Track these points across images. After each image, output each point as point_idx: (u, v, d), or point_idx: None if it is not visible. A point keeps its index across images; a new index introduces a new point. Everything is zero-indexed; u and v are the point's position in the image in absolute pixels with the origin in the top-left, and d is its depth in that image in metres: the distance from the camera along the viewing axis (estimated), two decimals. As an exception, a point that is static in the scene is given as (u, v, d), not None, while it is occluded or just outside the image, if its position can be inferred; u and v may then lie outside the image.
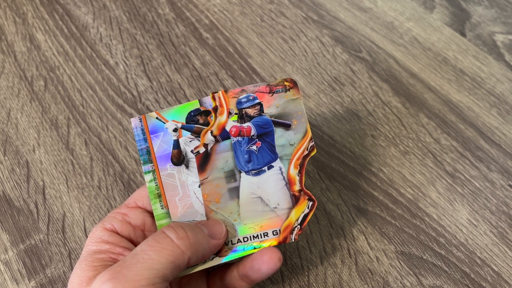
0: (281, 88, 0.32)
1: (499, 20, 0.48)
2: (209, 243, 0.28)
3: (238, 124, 0.32)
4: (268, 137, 0.32)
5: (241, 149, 0.32)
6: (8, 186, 0.39)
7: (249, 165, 0.32)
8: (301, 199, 0.31)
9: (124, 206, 0.31)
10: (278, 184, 0.31)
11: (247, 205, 0.31)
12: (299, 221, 0.31)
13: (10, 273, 0.35)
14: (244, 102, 0.32)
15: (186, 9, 0.50)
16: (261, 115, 0.32)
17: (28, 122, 0.43)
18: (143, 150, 0.31)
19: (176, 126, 0.32)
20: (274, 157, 0.32)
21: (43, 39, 0.48)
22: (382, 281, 0.34)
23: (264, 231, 0.31)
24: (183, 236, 0.27)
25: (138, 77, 0.45)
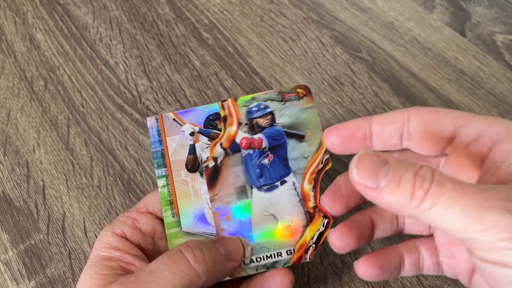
0: (294, 96, 0.30)
1: (499, 20, 0.48)
2: (226, 265, 0.27)
3: (248, 135, 0.30)
4: (281, 150, 0.30)
5: (252, 162, 0.30)
6: (8, 186, 0.39)
7: (261, 180, 0.30)
8: (316, 216, 0.29)
9: (135, 210, 0.30)
10: (291, 201, 0.29)
11: (260, 223, 0.29)
12: (314, 240, 0.29)
13: (10, 273, 0.35)
14: (254, 111, 0.30)
15: (186, 9, 0.50)
16: (273, 125, 0.30)
17: (28, 122, 0.43)
18: (157, 153, 0.30)
19: (193, 129, 0.30)
20: (287, 171, 0.30)
21: (43, 39, 0.48)
22: (382, 281, 0.34)
23: (278, 251, 0.29)
24: (200, 259, 0.25)
25: (138, 77, 0.45)
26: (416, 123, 0.27)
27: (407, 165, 0.22)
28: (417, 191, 0.21)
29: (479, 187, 0.20)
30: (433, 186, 0.20)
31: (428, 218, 0.21)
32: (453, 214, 0.20)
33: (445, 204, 0.20)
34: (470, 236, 0.20)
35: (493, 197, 0.19)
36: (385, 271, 0.28)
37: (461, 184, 0.20)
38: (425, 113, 0.27)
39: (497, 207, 0.19)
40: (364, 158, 0.23)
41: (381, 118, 0.28)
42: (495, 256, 0.19)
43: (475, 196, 0.19)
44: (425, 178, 0.21)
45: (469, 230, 0.19)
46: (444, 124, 0.26)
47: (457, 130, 0.26)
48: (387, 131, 0.27)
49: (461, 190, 0.20)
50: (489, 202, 0.19)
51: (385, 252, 0.29)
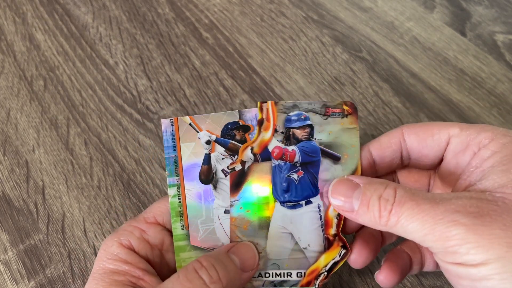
0: (338, 113, 0.28)
1: (500, 20, 0.48)
2: (241, 277, 0.27)
3: (282, 145, 0.28)
4: (313, 168, 0.28)
5: (280, 175, 0.28)
6: (7, 186, 0.39)
7: (286, 196, 0.28)
8: (334, 244, 0.28)
9: (143, 220, 0.29)
10: (313, 223, 0.28)
11: (276, 239, 0.28)
12: (327, 268, 0.28)
13: (10, 273, 0.35)
14: (294, 120, 0.28)
15: (186, 9, 0.50)
16: (310, 140, 0.28)
17: (28, 122, 0.43)
18: (170, 160, 0.28)
19: (210, 138, 0.28)
20: (315, 191, 0.28)
21: (43, 39, 0.48)
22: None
23: (288, 271, 0.28)
24: (216, 279, 0.25)
25: (137, 77, 0.45)
26: (411, 141, 0.29)
27: (374, 187, 0.25)
28: (382, 212, 0.24)
29: (434, 202, 0.23)
30: (394, 206, 0.24)
31: (396, 232, 0.24)
32: (413, 228, 0.23)
33: (405, 221, 0.24)
34: (428, 244, 0.24)
35: (444, 210, 0.23)
36: (402, 274, 0.29)
37: (418, 201, 0.24)
38: (418, 131, 0.28)
39: (446, 220, 0.22)
40: (338, 185, 0.27)
41: (378, 143, 0.29)
42: (449, 258, 0.23)
43: (428, 212, 0.23)
44: (388, 200, 0.24)
45: (426, 240, 0.23)
46: (439, 137, 0.28)
47: (450, 139, 0.28)
48: (387, 156, 0.29)
49: (418, 207, 0.23)
50: (439, 216, 0.23)
51: (398, 256, 0.30)
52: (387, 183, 0.25)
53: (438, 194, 0.24)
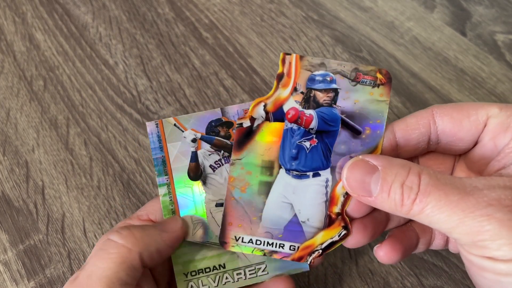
0: (370, 80, 0.25)
1: (500, 19, 0.48)
2: (162, 236, 0.27)
3: (299, 107, 0.25)
4: (328, 138, 0.26)
5: (291, 140, 0.26)
6: (7, 186, 0.39)
7: (293, 163, 0.26)
8: (335, 223, 0.26)
9: (137, 218, 0.30)
10: (317, 198, 0.26)
11: (274, 208, 0.26)
12: (322, 246, 0.26)
13: (10, 274, 0.35)
14: (318, 81, 0.25)
15: (185, 9, 0.50)
16: (332, 106, 0.25)
17: (28, 122, 0.43)
18: (158, 160, 0.29)
19: (195, 136, 0.29)
20: (325, 164, 0.26)
21: (43, 38, 0.48)
22: (382, 282, 0.34)
23: (281, 242, 0.26)
24: (126, 234, 0.25)
25: (137, 77, 0.45)
26: (444, 124, 0.26)
27: (395, 171, 0.23)
28: (405, 200, 0.23)
29: (464, 192, 0.22)
30: (419, 196, 0.22)
31: (419, 220, 0.23)
32: (439, 220, 0.22)
33: (431, 212, 0.22)
34: (455, 236, 0.23)
35: (476, 203, 0.21)
36: (405, 253, 0.28)
37: (446, 191, 0.22)
38: (452, 112, 0.26)
39: (478, 214, 0.21)
40: (353, 167, 0.24)
41: (404, 124, 0.26)
42: (476, 251, 0.22)
43: (458, 203, 0.22)
44: (411, 189, 0.22)
45: (453, 233, 0.22)
46: (476, 118, 0.25)
47: (488, 120, 0.25)
48: (413, 139, 0.26)
49: (446, 198, 0.22)
50: (470, 208, 0.21)
51: (405, 234, 0.28)
52: (409, 166, 0.23)
53: (468, 181, 0.22)
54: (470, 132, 0.26)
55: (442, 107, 0.26)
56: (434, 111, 0.26)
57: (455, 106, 0.26)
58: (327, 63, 0.26)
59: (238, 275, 0.28)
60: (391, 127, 0.26)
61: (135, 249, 0.25)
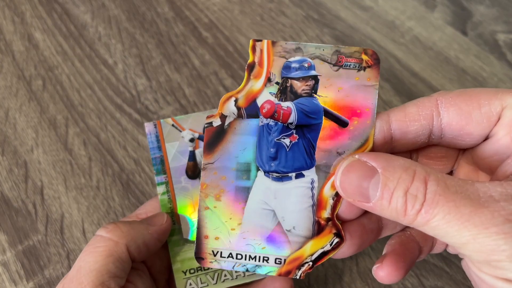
0: (354, 63, 0.22)
1: (501, 19, 0.47)
2: (148, 229, 0.27)
3: (275, 100, 0.23)
4: (311, 133, 0.23)
5: (268, 137, 0.23)
6: (6, 186, 0.39)
7: (273, 164, 0.23)
8: (326, 230, 0.23)
9: (135, 217, 0.30)
10: (302, 202, 0.23)
11: (254, 215, 0.23)
12: (313, 257, 0.23)
13: (9, 274, 0.35)
14: (294, 68, 0.22)
15: (185, 8, 0.50)
16: (312, 96, 0.23)
17: (27, 121, 0.42)
18: (156, 159, 0.30)
19: (193, 135, 0.30)
20: (309, 163, 0.23)
21: (42, 38, 0.48)
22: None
23: (265, 255, 0.23)
24: (112, 228, 0.26)
25: (137, 77, 0.45)
26: (450, 116, 0.22)
27: (397, 176, 0.20)
28: (409, 210, 0.20)
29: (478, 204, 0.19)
30: (424, 206, 0.20)
31: (424, 231, 0.21)
32: (448, 234, 0.19)
33: (438, 225, 0.19)
34: (465, 253, 0.20)
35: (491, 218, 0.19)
36: (408, 269, 0.25)
37: (457, 202, 0.19)
38: (459, 102, 0.22)
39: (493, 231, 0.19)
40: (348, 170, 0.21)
41: (402, 114, 0.23)
42: (489, 270, 0.20)
43: (470, 218, 0.19)
44: (417, 198, 0.20)
45: (463, 249, 0.20)
46: (489, 109, 0.22)
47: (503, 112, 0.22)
48: (412, 132, 0.23)
49: (456, 210, 0.19)
50: (485, 224, 0.19)
51: (406, 247, 0.25)
52: (414, 169, 0.20)
53: (482, 188, 0.19)
54: (480, 126, 0.22)
55: (449, 95, 0.22)
56: (439, 100, 0.23)
57: (463, 94, 0.22)
58: (303, 47, 0.22)
59: (236, 273, 0.29)
60: (387, 116, 0.23)
61: (121, 241, 0.25)
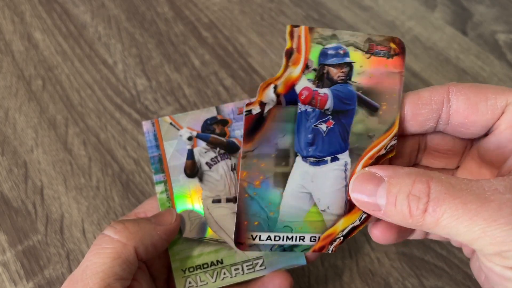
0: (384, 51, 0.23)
1: (501, 19, 0.47)
2: (157, 229, 0.27)
3: (313, 86, 0.23)
4: (345, 118, 0.23)
5: (306, 124, 0.24)
6: (6, 186, 0.39)
7: (310, 150, 0.24)
8: (356, 208, 0.24)
9: (134, 215, 0.30)
10: (336, 183, 0.24)
11: (292, 199, 0.24)
12: (344, 232, 0.25)
13: (8, 274, 0.35)
14: (330, 55, 0.23)
15: (185, 8, 0.50)
16: (347, 83, 0.23)
17: (26, 121, 0.42)
18: (154, 158, 0.30)
19: (191, 134, 0.30)
20: (343, 147, 0.24)
21: (41, 38, 0.48)
22: (383, 283, 0.34)
23: (301, 235, 0.25)
24: (121, 229, 0.25)
25: (137, 76, 0.45)
26: (459, 104, 0.24)
27: (400, 181, 0.21)
28: (414, 211, 0.21)
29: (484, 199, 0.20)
30: (430, 205, 0.20)
31: (436, 233, 0.21)
32: (458, 231, 0.20)
33: (448, 223, 0.20)
34: (477, 248, 0.21)
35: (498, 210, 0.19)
36: (401, 234, 0.26)
37: (463, 199, 0.20)
38: (469, 92, 0.24)
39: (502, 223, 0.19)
40: (359, 180, 0.23)
41: (416, 97, 0.24)
42: (501, 262, 0.21)
43: (478, 212, 0.20)
44: (420, 199, 0.21)
45: (474, 244, 0.20)
46: (494, 102, 0.23)
47: (507, 107, 0.23)
48: (422, 114, 0.24)
49: (463, 207, 0.20)
50: (493, 217, 0.19)
51: None
52: (416, 173, 0.21)
53: (487, 184, 0.20)
54: (484, 117, 0.24)
55: (460, 86, 0.24)
56: (450, 88, 0.24)
57: (474, 87, 0.24)
58: (339, 34, 0.23)
59: (235, 271, 0.29)
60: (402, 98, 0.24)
61: (130, 243, 0.25)
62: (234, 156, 0.30)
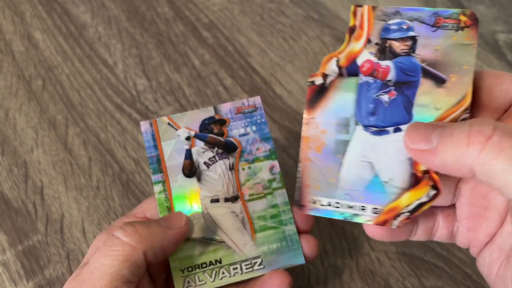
0: (452, 24, 0.23)
1: (501, 19, 0.47)
2: (167, 233, 0.27)
3: (375, 59, 0.24)
4: (409, 89, 0.24)
5: (367, 94, 0.24)
6: (6, 186, 0.39)
7: (371, 119, 0.24)
8: (422, 182, 0.23)
9: (132, 216, 0.30)
10: (399, 155, 0.24)
11: (352, 167, 0.24)
12: (409, 208, 0.24)
13: (8, 274, 0.35)
14: (393, 30, 0.24)
15: (185, 8, 0.50)
16: (410, 55, 0.24)
17: (26, 122, 0.42)
18: (153, 158, 0.30)
19: (189, 134, 0.30)
20: (407, 118, 0.23)
21: (42, 38, 0.48)
22: (383, 282, 0.34)
23: (362, 204, 0.24)
24: (131, 232, 0.25)
25: (137, 77, 0.45)
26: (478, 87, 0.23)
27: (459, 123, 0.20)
28: (474, 138, 0.19)
29: None
30: (496, 134, 0.18)
31: (487, 173, 0.18)
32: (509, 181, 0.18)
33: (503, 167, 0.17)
34: None
35: None
36: (396, 234, 0.26)
37: None
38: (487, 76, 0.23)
39: None
40: (415, 125, 0.22)
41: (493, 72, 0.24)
42: None
43: None
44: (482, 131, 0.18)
45: None
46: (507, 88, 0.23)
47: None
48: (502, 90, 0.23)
49: None
50: None
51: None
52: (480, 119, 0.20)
53: None
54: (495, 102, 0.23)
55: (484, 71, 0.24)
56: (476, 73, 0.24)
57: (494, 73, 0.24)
58: (402, 11, 0.24)
59: (234, 270, 0.29)
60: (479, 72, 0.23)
61: (139, 247, 0.25)
62: (232, 155, 0.30)
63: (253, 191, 0.30)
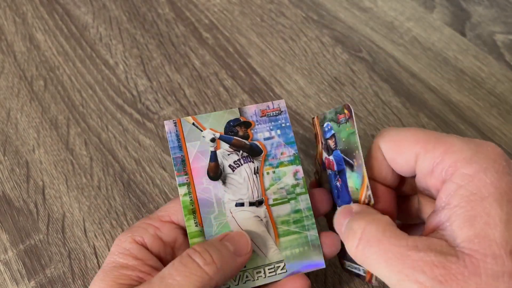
0: (343, 118, 0.27)
1: (499, 20, 0.48)
2: (236, 261, 0.27)
3: (328, 156, 0.29)
4: (342, 176, 0.28)
5: (332, 183, 0.29)
6: (8, 186, 0.39)
7: (339, 201, 0.29)
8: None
9: (157, 218, 0.29)
10: None
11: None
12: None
13: (10, 273, 0.35)
14: (325, 131, 0.29)
15: (186, 9, 0.50)
16: (336, 149, 0.28)
17: (28, 122, 0.43)
18: (177, 159, 0.29)
19: (214, 135, 0.29)
20: (349, 199, 0.28)
21: (43, 39, 0.48)
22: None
23: None
24: (210, 261, 0.25)
25: (138, 77, 0.45)
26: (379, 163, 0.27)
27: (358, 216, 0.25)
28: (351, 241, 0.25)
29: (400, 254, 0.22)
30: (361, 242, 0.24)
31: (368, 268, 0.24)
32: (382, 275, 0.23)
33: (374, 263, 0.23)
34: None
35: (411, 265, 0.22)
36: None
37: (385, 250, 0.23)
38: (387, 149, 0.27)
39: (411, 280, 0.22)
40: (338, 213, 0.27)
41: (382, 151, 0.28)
42: None
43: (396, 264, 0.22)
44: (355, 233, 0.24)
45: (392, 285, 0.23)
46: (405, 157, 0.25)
47: (416, 161, 0.25)
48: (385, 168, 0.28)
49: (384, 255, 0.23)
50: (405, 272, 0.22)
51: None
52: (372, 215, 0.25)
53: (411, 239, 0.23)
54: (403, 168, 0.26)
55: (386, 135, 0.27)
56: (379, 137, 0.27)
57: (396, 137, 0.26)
58: (326, 114, 0.29)
59: (258, 274, 0.28)
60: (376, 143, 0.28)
61: (215, 278, 0.25)
62: (257, 159, 0.30)
63: (277, 196, 0.29)
